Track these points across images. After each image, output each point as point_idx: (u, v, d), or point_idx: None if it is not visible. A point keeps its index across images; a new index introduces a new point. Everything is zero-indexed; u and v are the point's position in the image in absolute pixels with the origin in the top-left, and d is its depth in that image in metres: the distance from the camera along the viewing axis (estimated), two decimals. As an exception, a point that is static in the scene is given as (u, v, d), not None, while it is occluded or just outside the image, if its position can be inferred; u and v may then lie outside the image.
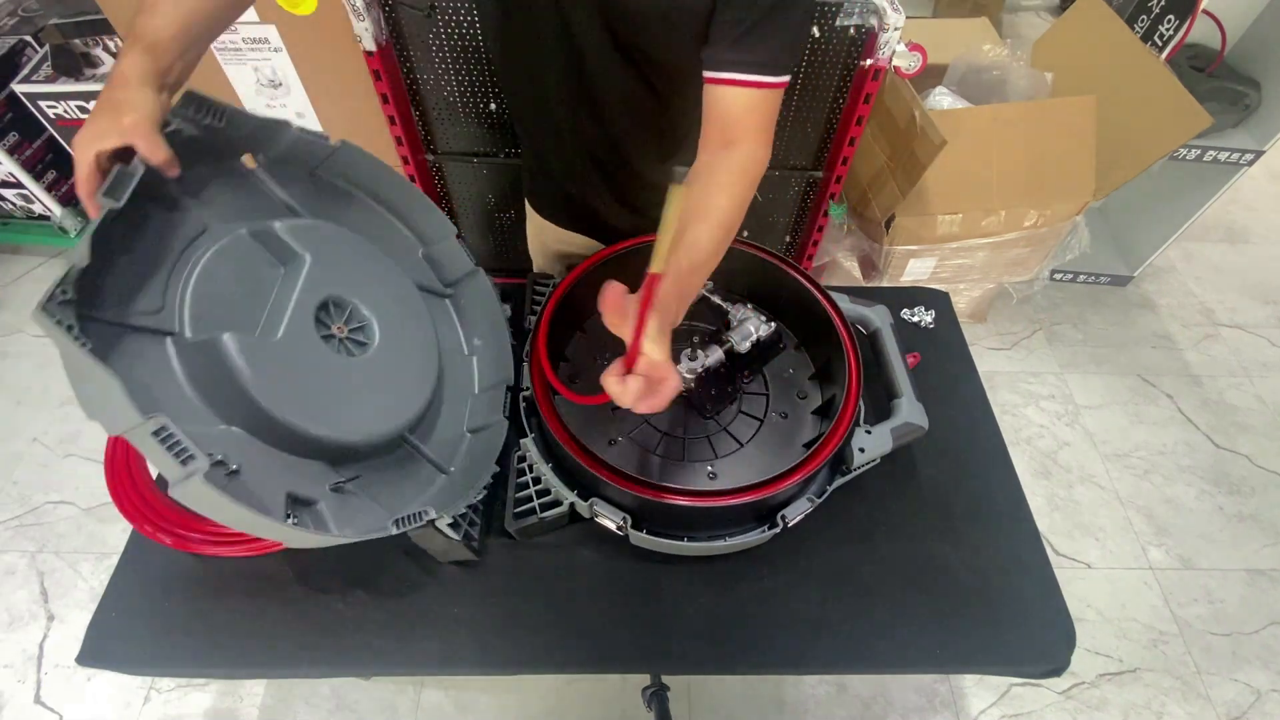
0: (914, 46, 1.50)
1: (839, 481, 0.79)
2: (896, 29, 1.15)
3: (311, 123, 1.47)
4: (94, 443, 1.66)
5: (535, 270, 1.17)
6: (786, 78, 0.69)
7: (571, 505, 0.78)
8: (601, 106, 0.83)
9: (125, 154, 0.55)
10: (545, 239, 1.11)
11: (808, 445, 0.81)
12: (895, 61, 1.31)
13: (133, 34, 0.58)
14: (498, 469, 0.81)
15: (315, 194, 0.78)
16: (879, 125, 1.55)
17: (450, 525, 0.72)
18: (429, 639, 0.75)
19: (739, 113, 0.70)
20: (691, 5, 0.68)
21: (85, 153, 0.55)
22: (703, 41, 0.70)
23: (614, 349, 0.93)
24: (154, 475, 0.86)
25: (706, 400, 0.86)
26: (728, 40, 0.67)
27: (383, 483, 0.72)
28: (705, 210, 0.68)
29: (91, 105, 1.66)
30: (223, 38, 1.30)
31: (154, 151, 0.56)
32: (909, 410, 0.82)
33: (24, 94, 1.64)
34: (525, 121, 0.96)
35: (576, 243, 1.06)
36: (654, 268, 0.57)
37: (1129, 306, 2.09)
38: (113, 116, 0.55)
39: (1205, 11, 1.61)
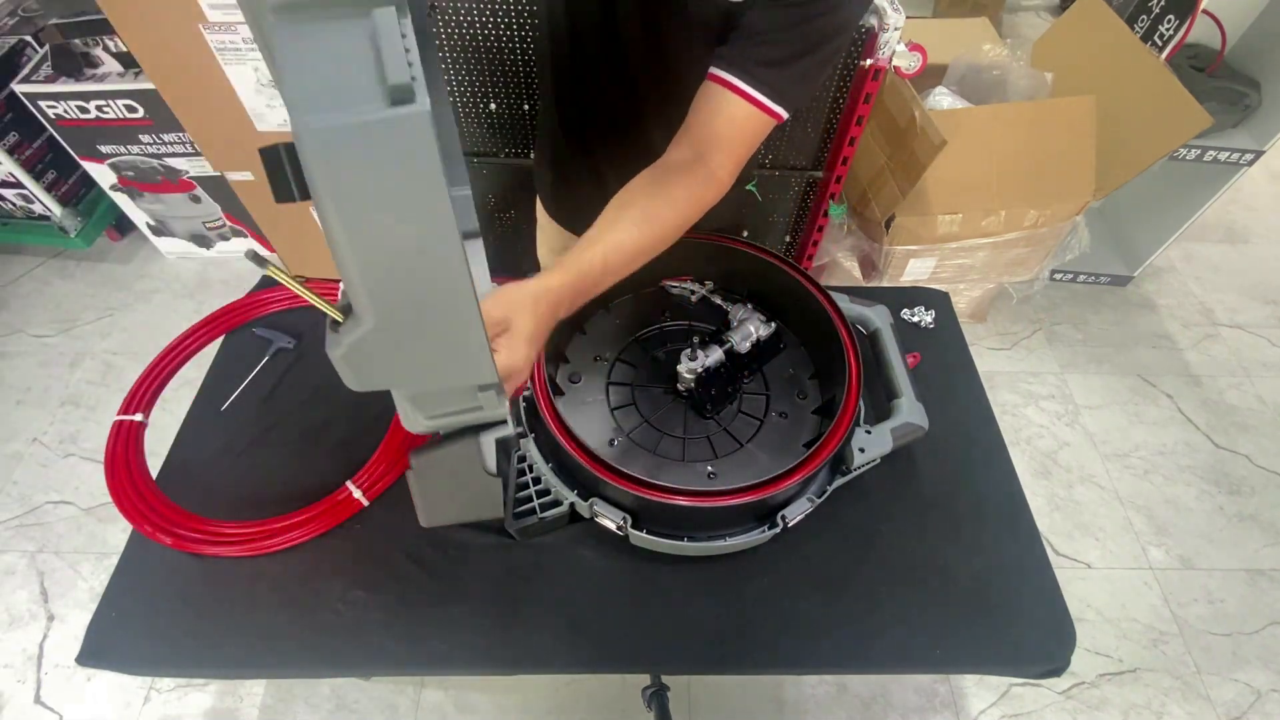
0: (914, 46, 1.50)
1: (839, 482, 0.79)
2: (896, 29, 1.15)
3: (311, 123, 1.47)
4: (94, 443, 1.66)
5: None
6: (786, 115, 0.67)
7: (571, 505, 0.78)
8: (642, 114, 0.83)
9: None
10: (555, 244, 1.11)
11: (808, 445, 0.81)
12: (895, 61, 1.31)
13: None
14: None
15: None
16: (879, 125, 1.55)
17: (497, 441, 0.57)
18: (429, 639, 0.75)
19: (725, 123, 0.67)
20: (717, 25, 0.65)
21: None
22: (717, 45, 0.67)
23: (613, 348, 0.94)
24: (154, 475, 0.86)
25: (706, 400, 0.86)
26: (748, 49, 0.64)
27: None
28: (649, 217, 0.65)
29: (91, 105, 1.67)
30: (222, 37, 1.30)
31: None
32: (909, 410, 0.82)
33: (24, 94, 1.64)
34: (561, 130, 0.93)
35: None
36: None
37: (1129, 306, 2.09)
38: None
39: (1205, 11, 1.61)
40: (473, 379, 0.44)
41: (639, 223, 0.64)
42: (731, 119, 0.66)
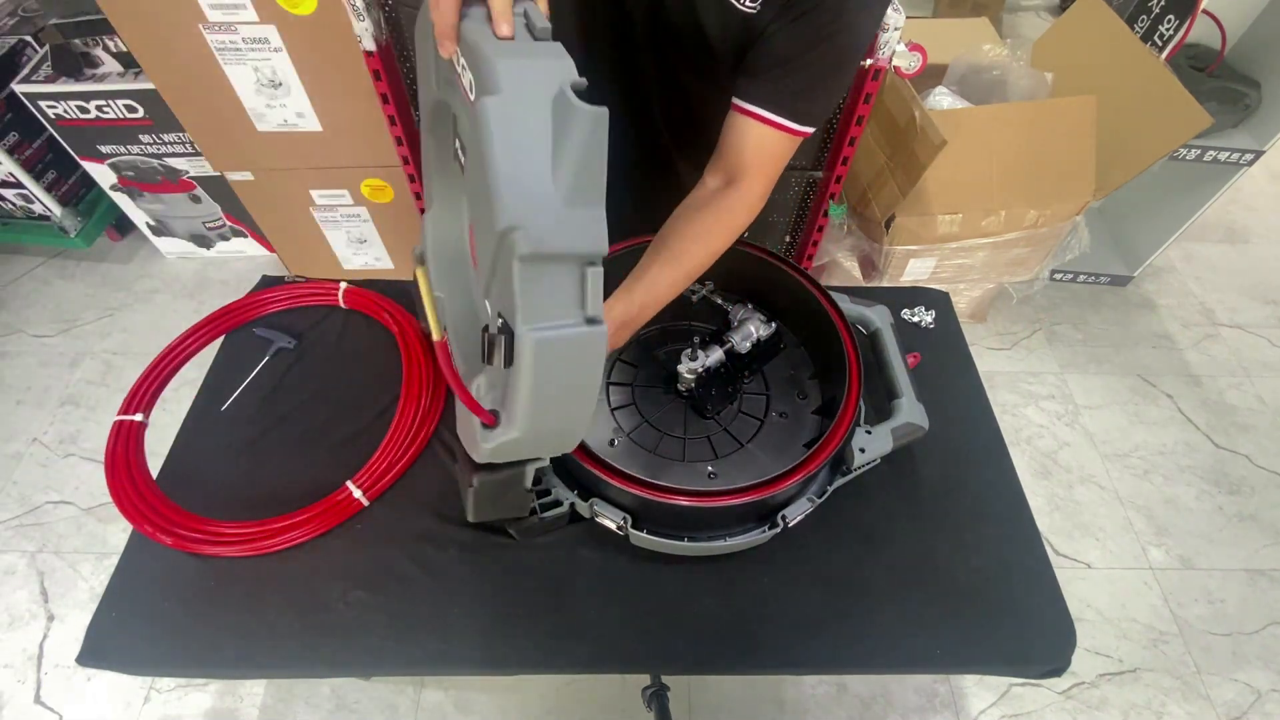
0: (914, 46, 1.50)
1: (839, 482, 0.79)
2: (896, 29, 1.15)
3: (311, 123, 1.47)
4: (94, 443, 1.66)
5: None
6: (812, 131, 0.69)
7: (571, 505, 0.78)
8: (655, 129, 0.84)
9: None
10: None
11: (808, 445, 0.81)
12: (895, 61, 1.31)
13: None
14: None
15: None
16: (879, 125, 1.55)
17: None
18: (429, 639, 0.75)
19: (754, 149, 0.69)
20: (733, 35, 0.67)
21: None
22: (736, 70, 0.69)
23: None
24: (154, 475, 0.86)
25: (706, 400, 0.86)
26: (771, 77, 0.66)
27: None
28: (677, 255, 0.71)
29: (91, 105, 1.67)
30: (222, 37, 1.30)
31: (504, 23, 0.48)
32: (909, 410, 0.82)
33: (24, 94, 1.64)
34: None
35: None
36: (435, 336, 0.59)
37: (1129, 306, 2.09)
38: None
39: (1205, 11, 1.61)
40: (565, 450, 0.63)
41: (669, 263, 0.71)
42: (760, 146, 0.69)
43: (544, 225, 0.43)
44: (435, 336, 0.59)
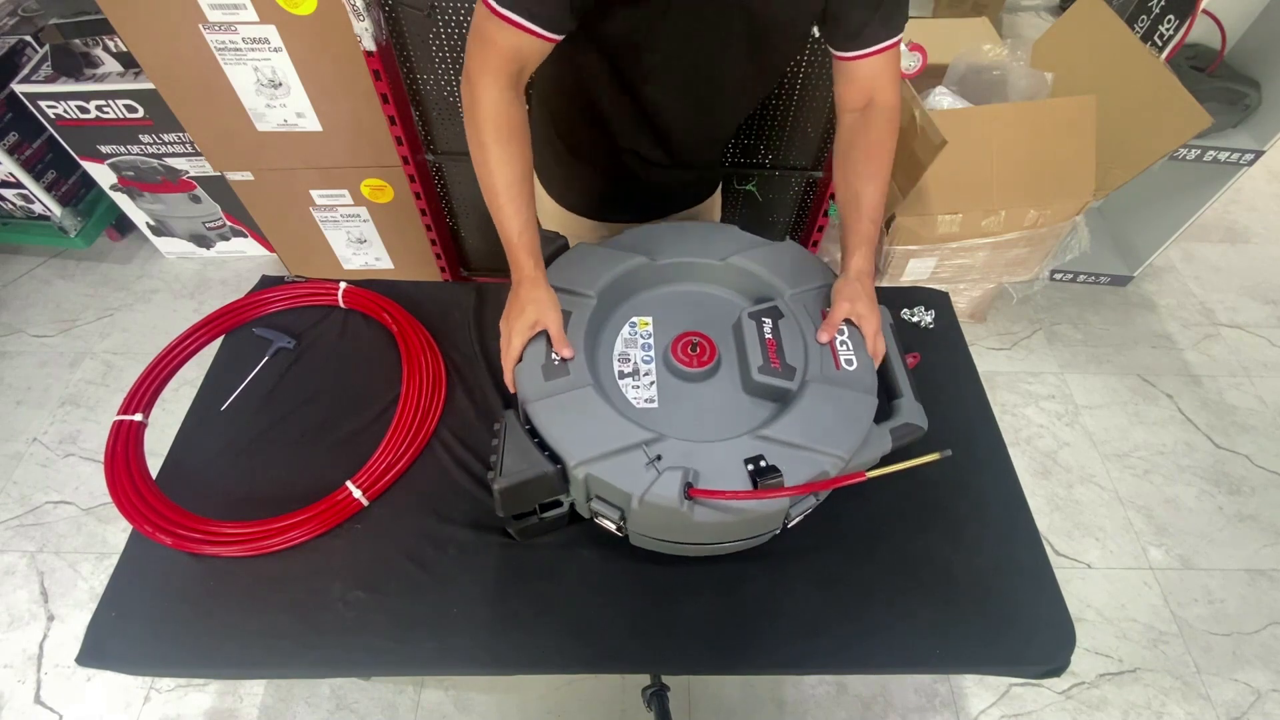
0: (914, 46, 1.50)
1: (839, 481, 0.79)
2: (896, 29, 1.14)
3: (311, 123, 1.47)
4: (94, 443, 1.66)
5: None
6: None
7: (571, 506, 0.78)
8: (716, 99, 0.87)
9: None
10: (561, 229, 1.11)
11: (808, 445, 0.81)
12: (895, 61, 1.31)
13: (513, 243, 0.75)
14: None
15: None
16: (879, 125, 1.55)
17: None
18: (429, 639, 0.75)
19: (878, 72, 0.79)
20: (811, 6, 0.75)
21: (520, 339, 0.75)
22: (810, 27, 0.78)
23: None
24: (154, 475, 0.86)
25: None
26: (870, 20, 0.75)
27: None
28: (871, 173, 0.82)
29: (91, 105, 1.67)
30: (222, 37, 1.30)
31: (565, 348, 0.75)
32: (909, 410, 0.82)
33: (24, 94, 1.64)
34: (597, 123, 0.92)
35: (596, 229, 1.06)
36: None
37: (1129, 306, 2.09)
38: (538, 313, 0.75)
39: (1205, 11, 1.61)
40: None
41: (869, 179, 0.82)
42: (888, 66, 0.79)
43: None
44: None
